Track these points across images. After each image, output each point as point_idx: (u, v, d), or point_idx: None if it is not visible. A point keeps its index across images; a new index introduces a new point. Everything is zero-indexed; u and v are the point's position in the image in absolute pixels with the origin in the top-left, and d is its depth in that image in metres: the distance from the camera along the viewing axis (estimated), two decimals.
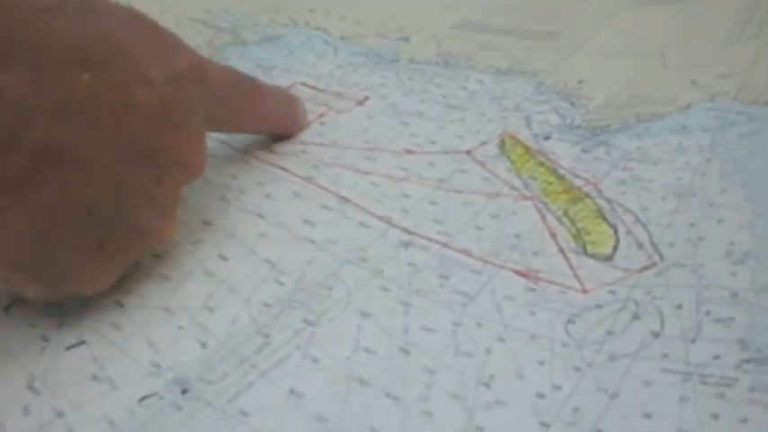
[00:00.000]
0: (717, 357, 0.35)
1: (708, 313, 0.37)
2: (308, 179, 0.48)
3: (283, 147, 0.51)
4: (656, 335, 0.37)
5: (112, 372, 0.38)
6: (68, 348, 0.39)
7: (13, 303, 0.41)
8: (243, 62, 0.61)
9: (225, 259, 0.43)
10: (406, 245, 0.43)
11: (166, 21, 0.59)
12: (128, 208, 0.38)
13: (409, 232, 0.44)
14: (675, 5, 0.64)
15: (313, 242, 0.44)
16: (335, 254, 0.43)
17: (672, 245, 0.42)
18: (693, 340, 0.37)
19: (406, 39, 0.64)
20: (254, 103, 0.47)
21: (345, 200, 0.47)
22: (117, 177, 0.37)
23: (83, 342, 0.39)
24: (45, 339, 0.39)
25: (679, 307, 0.38)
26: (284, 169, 0.49)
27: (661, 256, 0.41)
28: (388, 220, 0.45)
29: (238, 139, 0.52)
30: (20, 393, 0.37)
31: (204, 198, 0.47)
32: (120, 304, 0.41)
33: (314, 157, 0.50)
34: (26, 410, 0.36)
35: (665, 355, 0.36)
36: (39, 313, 0.40)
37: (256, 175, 0.49)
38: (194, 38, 0.65)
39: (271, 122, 0.50)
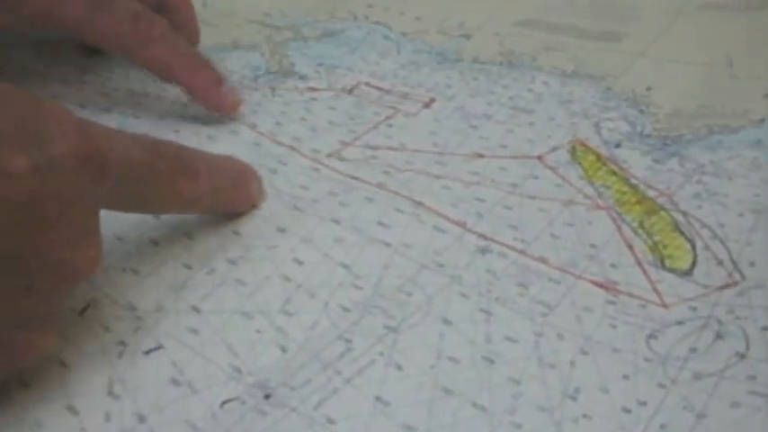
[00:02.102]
0: None
1: None
2: (380, 185, 0.48)
3: (353, 152, 0.51)
4: (742, 356, 0.37)
5: (192, 375, 0.38)
6: (147, 353, 0.39)
7: (89, 306, 0.41)
8: (304, 60, 0.61)
9: (301, 263, 0.43)
10: (483, 251, 0.43)
11: (225, 24, 0.60)
12: None
13: (486, 238, 0.44)
14: (742, 13, 0.64)
15: (388, 245, 0.44)
16: (412, 258, 0.43)
17: (752, 264, 0.42)
18: None
19: (467, 36, 0.64)
20: (180, 183, 0.40)
21: (419, 203, 0.46)
22: None
23: (161, 346, 0.39)
24: (122, 344, 0.39)
25: (765, 329, 0.38)
26: (356, 178, 0.49)
27: (742, 275, 0.41)
28: (463, 225, 0.45)
29: (306, 144, 0.52)
30: (100, 399, 0.37)
31: (278, 207, 0.46)
32: (196, 309, 0.41)
33: (384, 162, 0.50)
34: (107, 416, 0.36)
35: (752, 378, 0.36)
36: (114, 317, 0.40)
37: (328, 184, 0.48)
38: (253, 36, 0.65)
39: (207, 203, 0.43)
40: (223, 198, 0.45)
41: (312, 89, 0.58)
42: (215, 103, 0.53)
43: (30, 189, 0.31)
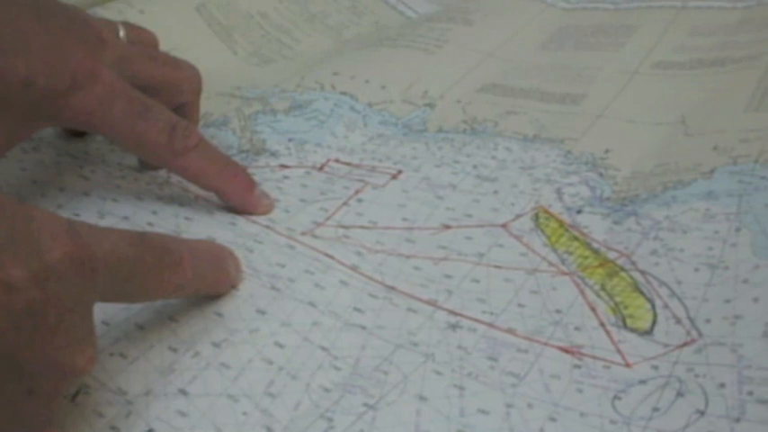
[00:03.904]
0: None
1: (750, 393, 0.39)
2: (353, 268, 0.50)
3: (326, 231, 0.53)
4: (702, 413, 0.39)
5: None
6: None
7: (80, 392, 0.42)
8: (275, 136, 0.63)
9: (282, 347, 0.45)
10: (454, 327, 0.45)
11: None
12: None
13: (455, 314, 0.46)
14: (694, 70, 0.66)
15: (364, 328, 0.46)
16: (387, 339, 0.45)
17: (709, 321, 0.44)
18: (738, 420, 0.38)
19: (431, 105, 0.66)
20: (165, 273, 0.41)
21: (391, 288, 0.48)
22: None
23: (152, 430, 0.40)
24: (114, 429, 0.40)
25: (722, 386, 0.40)
26: (330, 256, 0.50)
27: (699, 333, 0.43)
28: (433, 303, 0.47)
29: (280, 223, 0.54)
30: None
31: (256, 288, 0.48)
32: (184, 393, 0.42)
33: (357, 242, 0.52)
34: None
35: None
36: (105, 402, 0.41)
37: (304, 262, 0.50)
38: (222, 107, 0.67)
39: (190, 288, 0.44)
40: (205, 282, 0.46)
41: (283, 167, 0.59)
42: (250, 208, 0.55)
43: (29, 298, 0.32)
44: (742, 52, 0.68)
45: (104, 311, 0.46)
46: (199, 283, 0.45)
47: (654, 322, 0.44)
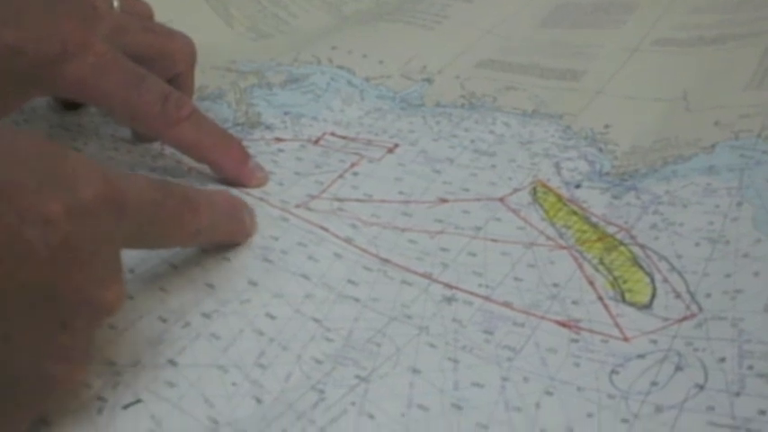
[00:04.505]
0: (762, 413, 0.37)
1: (750, 368, 0.39)
2: (347, 240, 0.49)
3: (320, 203, 0.52)
4: (701, 387, 0.38)
5: (170, 428, 0.38)
6: (125, 407, 0.40)
7: None
8: (270, 109, 0.62)
9: (273, 318, 0.44)
10: (449, 300, 0.44)
11: None
12: (24, 362, 0.34)
13: (451, 287, 0.45)
14: (694, 47, 0.65)
15: (358, 300, 0.45)
16: (381, 311, 0.44)
17: (709, 295, 0.43)
18: (738, 394, 0.38)
19: (429, 80, 0.65)
20: (185, 218, 0.42)
21: (386, 261, 0.47)
22: (10, 331, 0.34)
23: (139, 400, 0.40)
24: (102, 399, 0.40)
25: (721, 360, 0.39)
26: (324, 229, 0.50)
27: (699, 307, 0.42)
28: (429, 276, 0.46)
29: (274, 195, 0.53)
30: None
31: (248, 259, 0.47)
32: (173, 363, 0.41)
33: (351, 215, 0.51)
34: None
35: (711, 408, 0.37)
36: (93, 373, 0.41)
37: (297, 235, 0.49)
38: (218, 81, 0.66)
39: (206, 236, 0.45)
40: (221, 230, 0.47)
41: (279, 140, 0.59)
42: (244, 180, 0.54)
43: (64, 232, 0.34)
44: (743, 29, 0.67)
45: None
46: (214, 231, 0.46)
47: (653, 296, 0.44)
